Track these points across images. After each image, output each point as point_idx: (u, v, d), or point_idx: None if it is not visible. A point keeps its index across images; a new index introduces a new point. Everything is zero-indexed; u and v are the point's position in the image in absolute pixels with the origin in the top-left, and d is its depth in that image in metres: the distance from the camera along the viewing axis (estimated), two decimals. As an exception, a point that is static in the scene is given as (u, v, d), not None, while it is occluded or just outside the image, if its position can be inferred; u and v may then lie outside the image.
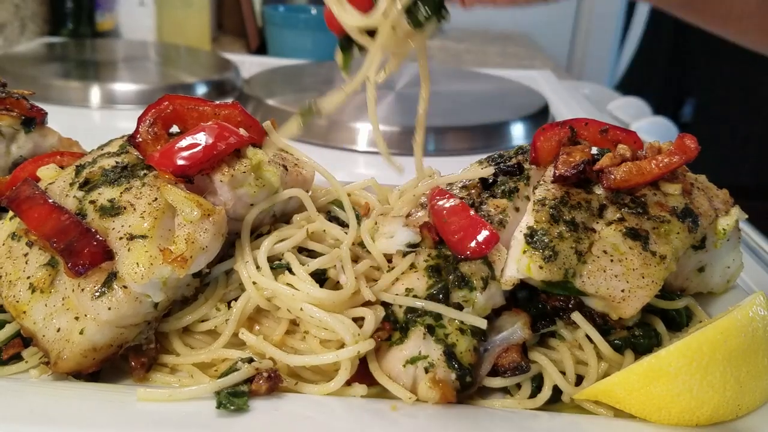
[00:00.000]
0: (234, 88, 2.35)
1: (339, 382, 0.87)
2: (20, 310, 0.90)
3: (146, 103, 1.03)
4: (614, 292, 0.90)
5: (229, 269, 0.97)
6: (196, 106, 1.02)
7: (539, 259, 0.89)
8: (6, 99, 1.16)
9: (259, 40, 3.23)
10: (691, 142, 0.98)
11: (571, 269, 0.90)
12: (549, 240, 0.90)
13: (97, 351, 0.88)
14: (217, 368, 0.93)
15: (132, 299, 0.86)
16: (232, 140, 0.94)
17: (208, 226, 0.88)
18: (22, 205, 0.92)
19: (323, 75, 2.55)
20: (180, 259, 0.85)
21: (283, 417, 0.82)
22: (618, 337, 0.95)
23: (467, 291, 0.91)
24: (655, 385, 0.84)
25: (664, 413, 0.85)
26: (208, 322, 0.95)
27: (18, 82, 1.86)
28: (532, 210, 0.94)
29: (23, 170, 1.07)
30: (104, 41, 2.90)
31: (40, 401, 0.81)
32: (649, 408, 0.85)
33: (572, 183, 0.97)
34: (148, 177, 0.92)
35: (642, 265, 0.90)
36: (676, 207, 0.96)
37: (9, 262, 0.93)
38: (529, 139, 1.96)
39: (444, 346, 0.88)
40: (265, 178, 0.96)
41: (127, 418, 0.79)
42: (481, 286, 0.91)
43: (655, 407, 0.85)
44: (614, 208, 0.95)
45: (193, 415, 0.80)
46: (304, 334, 0.93)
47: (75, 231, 0.87)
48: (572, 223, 0.92)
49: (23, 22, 2.78)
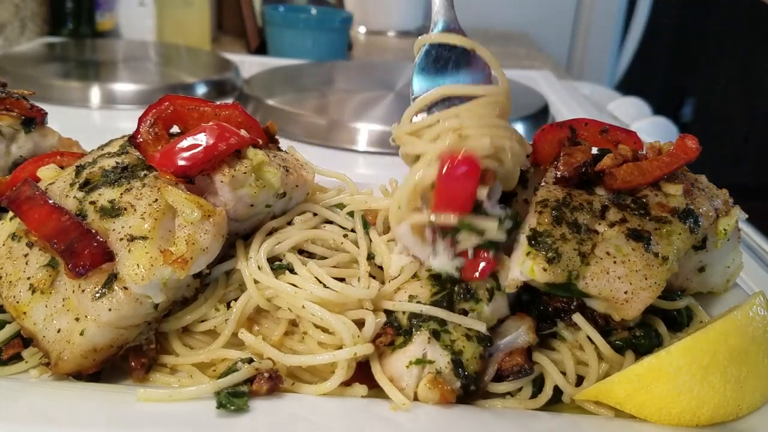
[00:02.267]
0: (234, 88, 2.35)
1: (335, 383, 0.87)
2: (20, 310, 0.90)
3: (146, 103, 1.03)
4: (617, 294, 0.89)
5: (229, 270, 0.97)
6: (196, 107, 1.02)
7: (543, 261, 0.89)
8: (6, 99, 1.16)
9: (259, 40, 3.23)
10: (692, 142, 0.98)
11: (575, 271, 0.89)
12: (552, 242, 0.90)
13: (98, 352, 0.88)
14: (215, 368, 0.93)
15: (132, 300, 0.86)
16: (233, 141, 0.94)
17: (208, 227, 0.88)
18: (22, 205, 0.92)
19: (323, 75, 2.55)
20: (180, 261, 0.85)
21: (284, 417, 0.82)
22: (619, 337, 0.95)
23: (473, 303, 0.92)
24: (655, 386, 0.84)
25: (664, 413, 0.85)
26: (207, 322, 0.95)
27: (18, 82, 1.86)
28: (534, 211, 0.94)
29: (23, 170, 1.07)
30: (104, 41, 2.90)
31: (40, 401, 0.81)
32: (650, 408, 0.85)
33: (574, 184, 0.97)
34: (148, 178, 0.92)
35: (645, 267, 0.90)
36: (678, 207, 0.95)
37: (9, 263, 0.93)
38: (529, 139, 1.96)
39: (451, 354, 0.88)
40: (265, 178, 0.96)
41: (127, 418, 0.79)
42: (487, 297, 0.91)
43: (656, 407, 0.85)
44: (616, 209, 0.94)
45: (193, 415, 0.80)
46: (303, 335, 0.93)
47: (75, 232, 0.87)
48: (575, 225, 0.92)
49: (23, 22, 2.77)
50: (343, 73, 2.69)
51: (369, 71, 2.70)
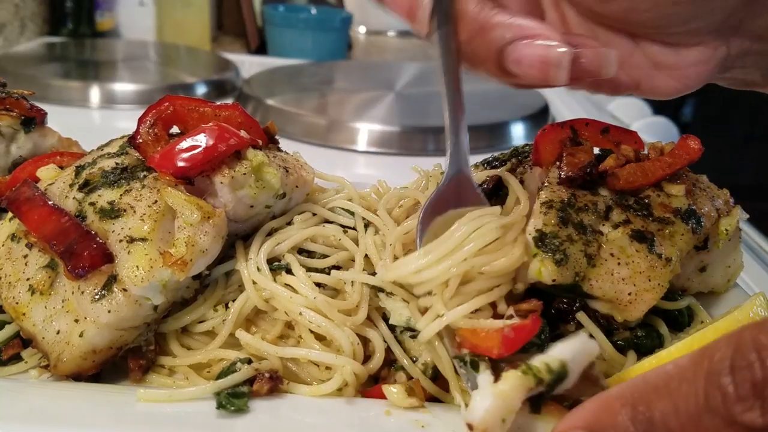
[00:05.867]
0: (234, 88, 2.35)
1: (332, 387, 0.87)
2: (20, 311, 0.90)
3: (146, 103, 1.03)
4: (621, 296, 0.89)
5: (228, 271, 0.97)
6: (196, 107, 1.02)
7: (551, 263, 0.87)
8: (6, 99, 1.16)
9: (259, 40, 3.23)
10: (695, 142, 0.98)
11: (582, 272, 0.88)
12: (559, 243, 0.88)
13: (97, 353, 0.88)
14: (209, 369, 0.93)
15: (132, 302, 0.86)
16: (233, 142, 0.94)
17: (208, 228, 0.88)
18: (21, 206, 0.92)
19: (323, 75, 2.55)
20: (180, 263, 0.85)
21: (284, 418, 0.82)
22: (621, 338, 0.95)
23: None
24: (656, 386, 0.84)
25: (665, 413, 0.84)
26: (206, 323, 0.95)
27: (18, 82, 1.86)
28: (539, 212, 0.92)
29: (23, 171, 1.07)
30: (104, 41, 2.90)
31: (40, 401, 0.81)
32: (650, 408, 0.85)
33: (578, 184, 0.96)
34: (148, 179, 0.92)
35: (648, 268, 0.89)
36: (680, 208, 0.95)
37: (9, 264, 0.93)
38: (529, 139, 1.97)
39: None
40: (265, 179, 0.96)
41: (127, 418, 0.79)
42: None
43: (656, 407, 0.84)
44: (619, 210, 0.94)
45: (193, 416, 0.80)
46: (299, 339, 0.93)
47: (75, 233, 0.87)
48: (581, 226, 0.91)
49: (23, 22, 2.77)
50: (343, 73, 2.69)
51: (369, 71, 2.70)
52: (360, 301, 0.93)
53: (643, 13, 0.83)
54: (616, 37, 0.89)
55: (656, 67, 0.89)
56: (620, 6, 0.83)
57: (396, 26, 3.87)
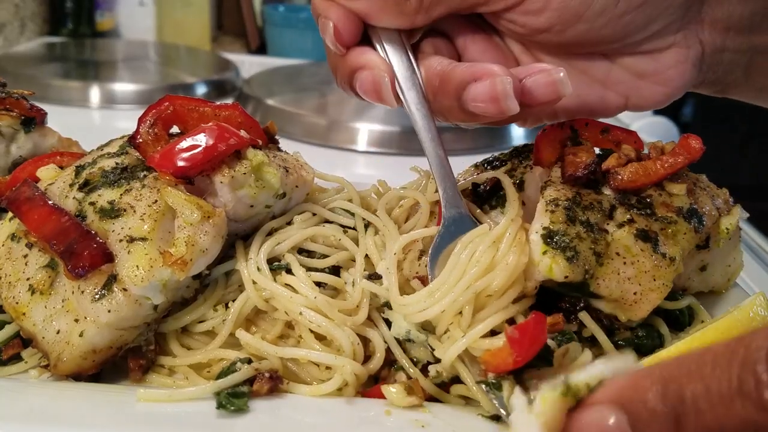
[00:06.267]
0: (234, 88, 2.35)
1: (332, 386, 0.86)
2: (20, 311, 0.90)
3: (146, 103, 1.03)
4: (627, 295, 0.89)
5: (228, 270, 0.97)
6: (196, 107, 1.02)
7: (562, 260, 0.86)
8: (6, 99, 1.16)
9: (259, 40, 3.23)
10: (696, 142, 0.98)
11: (591, 270, 0.88)
12: (569, 240, 0.87)
13: (97, 353, 0.87)
14: (209, 369, 0.93)
15: (132, 302, 0.86)
16: (233, 141, 0.94)
17: (208, 228, 0.88)
18: (22, 206, 0.92)
19: (323, 75, 2.55)
20: (180, 262, 0.85)
21: (284, 418, 0.82)
22: (622, 337, 0.95)
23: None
24: (656, 385, 0.83)
25: (665, 413, 0.84)
26: (206, 322, 0.95)
27: (18, 82, 1.86)
28: (545, 210, 0.91)
29: (23, 170, 1.07)
30: (104, 41, 2.90)
31: (40, 401, 0.81)
32: (651, 408, 0.85)
33: (581, 183, 0.96)
34: (148, 179, 0.92)
35: (653, 267, 0.89)
36: (682, 207, 0.95)
37: (9, 263, 0.93)
38: (529, 139, 1.96)
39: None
40: (265, 179, 0.96)
41: (127, 418, 0.79)
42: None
43: (657, 407, 0.84)
44: (623, 209, 0.93)
45: (193, 416, 0.80)
46: (299, 338, 0.93)
47: (75, 233, 0.87)
48: (588, 224, 0.90)
49: (23, 22, 2.77)
50: (343, 73, 2.69)
51: (369, 71, 2.69)
52: (360, 301, 0.93)
53: (601, 30, 0.87)
54: (592, 61, 0.93)
55: (639, 78, 0.93)
56: (577, 30, 0.87)
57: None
